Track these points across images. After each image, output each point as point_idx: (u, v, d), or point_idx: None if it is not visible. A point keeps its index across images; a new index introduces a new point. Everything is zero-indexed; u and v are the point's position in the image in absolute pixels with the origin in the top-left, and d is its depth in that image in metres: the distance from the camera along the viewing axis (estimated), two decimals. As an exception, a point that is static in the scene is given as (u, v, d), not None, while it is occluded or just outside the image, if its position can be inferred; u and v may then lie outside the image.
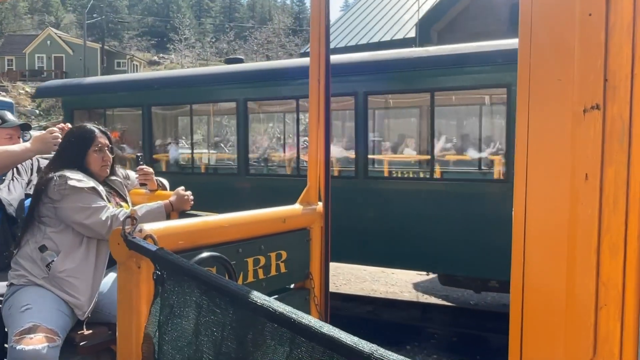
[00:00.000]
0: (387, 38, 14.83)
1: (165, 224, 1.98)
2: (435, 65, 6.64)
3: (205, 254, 1.82)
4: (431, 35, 13.56)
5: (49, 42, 54.62)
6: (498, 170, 6.80)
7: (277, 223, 2.33)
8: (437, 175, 7.09)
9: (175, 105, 9.00)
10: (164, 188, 3.16)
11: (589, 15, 0.99)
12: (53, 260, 2.46)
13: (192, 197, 2.75)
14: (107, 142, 2.77)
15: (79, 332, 2.47)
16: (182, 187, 2.76)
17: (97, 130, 2.75)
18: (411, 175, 7.78)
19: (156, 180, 3.15)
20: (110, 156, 2.78)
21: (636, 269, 0.94)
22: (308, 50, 2.70)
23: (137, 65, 57.54)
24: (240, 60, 9.62)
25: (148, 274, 1.69)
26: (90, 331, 2.48)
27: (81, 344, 2.42)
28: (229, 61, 10.15)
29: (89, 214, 2.44)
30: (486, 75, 6.34)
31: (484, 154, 7.17)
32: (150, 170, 3.13)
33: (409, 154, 8.07)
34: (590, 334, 0.97)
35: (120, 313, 1.82)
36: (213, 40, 65.83)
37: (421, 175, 7.63)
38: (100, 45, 52.71)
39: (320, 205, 2.40)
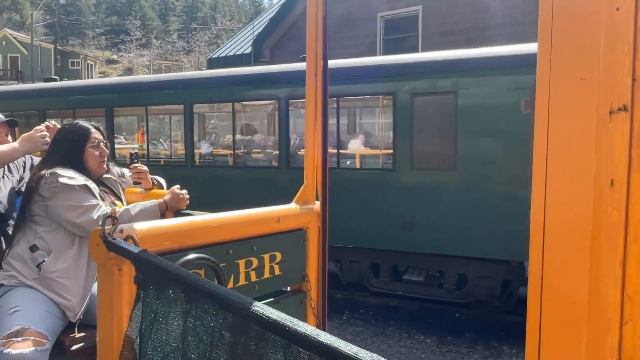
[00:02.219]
0: (231, 54, 17.75)
1: (149, 224, 1.88)
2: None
3: (191, 256, 1.74)
4: (264, 52, 16.01)
5: (4, 42, 55.31)
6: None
7: (270, 223, 2.25)
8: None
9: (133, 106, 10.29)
10: (160, 187, 3.06)
11: (616, 10, 0.92)
12: (44, 261, 2.38)
13: (188, 196, 2.66)
14: (101, 137, 2.69)
15: (70, 335, 2.38)
16: (178, 186, 2.68)
17: (91, 127, 2.67)
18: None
19: (152, 178, 3.05)
20: (107, 151, 2.70)
21: (665, 282, 0.88)
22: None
23: (91, 64, 57.65)
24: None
25: (129, 277, 1.60)
26: (82, 334, 2.40)
27: (72, 347, 2.34)
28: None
29: (80, 212, 2.36)
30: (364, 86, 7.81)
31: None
32: (145, 168, 3.04)
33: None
34: (615, 351, 0.90)
35: (100, 318, 1.74)
36: (176, 39, 65.89)
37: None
38: (54, 46, 52.78)
39: (317, 205, 2.32)
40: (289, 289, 2.33)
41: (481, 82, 6.75)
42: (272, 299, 2.23)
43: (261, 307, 1.32)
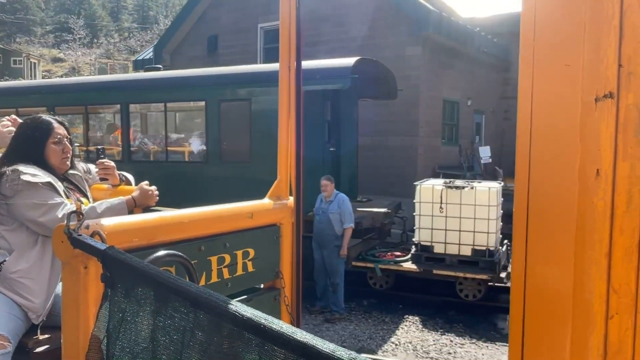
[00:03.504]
0: (140, 58, 19.50)
1: (117, 220, 1.80)
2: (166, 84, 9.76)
3: (161, 252, 1.66)
4: (164, 57, 17.11)
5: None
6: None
7: (243, 219, 2.19)
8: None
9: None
10: (128, 183, 2.95)
11: None
12: (5, 260, 2.27)
13: (157, 192, 2.57)
14: (65, 132, 2.57)
15: (33, 337, 2.28)
16: (146, 182, 2.57)
17: (54, 121, 2.55)
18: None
19: (119, 174, 2.94)
20: (70, 147, 2.58)
21: (652, 274, 0.86)
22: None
23: (35, 63, 56.64)
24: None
25: (96, 275, 1.52)
26: (46, 336, 2.29)
27: (35, 350, 2.23)
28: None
29: (44, 211, 2.25)
30: (195, 93, 9.40)
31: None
32: (112, 164, 2.91)
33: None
34: (600, 345, 0.88)
35: (65, 318, 1.65)
36: (119, 38, 65.13)
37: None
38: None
39: (291, 200, 2.27)
40: (262, 286, 2.27)
41: (268, 91, 8.25)
42: (245, 297, 2.17)
43: (234, 305, 1.26)
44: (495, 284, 6.99)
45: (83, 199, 2.56)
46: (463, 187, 7.04)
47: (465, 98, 14.52)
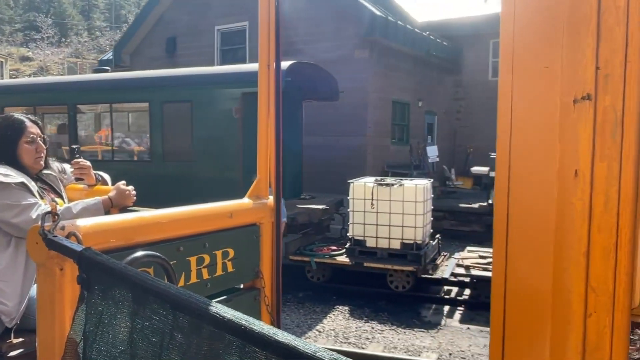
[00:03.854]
0: (105, 58, 19.74)
1: (93, 220, 1.76)
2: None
3: (139, 253, 1.63)
4: (123, 58, 17.46)
5: None
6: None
7: (223, 218, 2.17)
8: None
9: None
10: (104, 182, 2.89)
11: None
12: None
13: (134, 192, 2.53)
14: (39, 131, 2.50)
15: (7, 341, 2.22)
16: (123, 182, 2.53)
17: (27, 120, 2.48)
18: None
19: (95, 174, 2.88)
20: (44, 147, 2.52)
21: (628, 273, 0.88)
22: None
23: (2, 62, 55.74)
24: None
25: (72, 277, 1.49)
26: (20, 339, 2.24)
27: (9, 354, 2.18)
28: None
29: (18, 212, 2.20)
30: (139, 95, 9.78)
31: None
32: (88, 163, 2.85)
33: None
34: (579, 343, 0.89)
35: (40, 321, 1.62)
36: (95, 37, 64.18)
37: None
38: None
39: (270, 200, 2.25)
40: (242, 286, 2.25)
41: (208, 93, 8.97)
42: (225, 297, 2.15)
43: (215, 306, 1.25)
44: (422, 276, 7.38)
45: (58, 200, 2.51)
46: (392, 185, 7.54)
47: (416, 99, 14.98)
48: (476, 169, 11.95)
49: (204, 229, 2.08)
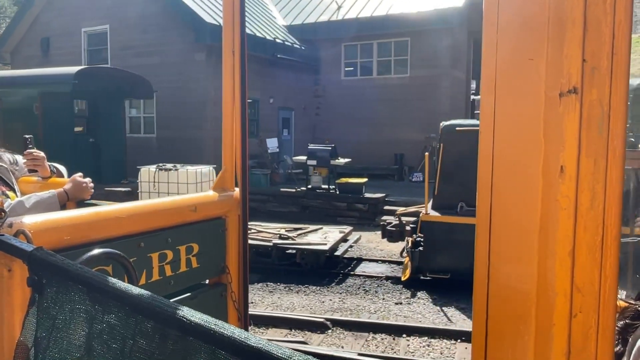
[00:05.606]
0: None
1: (44, 217, 1.66)
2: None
3: (96, 251, 1.54)
4: (4, 56, 19.20)
5: None
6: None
7: (186, 212, 2.09)
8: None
9: None
10: (60, 174, 2.75)
11: None
12: None
13: (92, 185, 2.41)
14: None
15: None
16: (80, 174, 2.40)
17: None
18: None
19: (50, 165, 2.73)
20: None
21: (614, 272, 0.86)
22: None
23: None
24: None
25: (22, 278, 1.40)
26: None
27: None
28: None
29: None
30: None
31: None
32: (41, 154, 2.70)
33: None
34: (564, 344, 0.87)
35: None
36: None
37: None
38: None
39: (237, 192, 2.18)
40: (207, 281, 2.18)
41: (14, 92, 11.39)
42: (189, 294, 2.08)
43: (181, 310, 1.18)
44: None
45: (9, 193, 2.37)
46: (170, 169, 8.88)
47: (267, 97, 17.19)
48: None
49: (166, 224, 2.00)
